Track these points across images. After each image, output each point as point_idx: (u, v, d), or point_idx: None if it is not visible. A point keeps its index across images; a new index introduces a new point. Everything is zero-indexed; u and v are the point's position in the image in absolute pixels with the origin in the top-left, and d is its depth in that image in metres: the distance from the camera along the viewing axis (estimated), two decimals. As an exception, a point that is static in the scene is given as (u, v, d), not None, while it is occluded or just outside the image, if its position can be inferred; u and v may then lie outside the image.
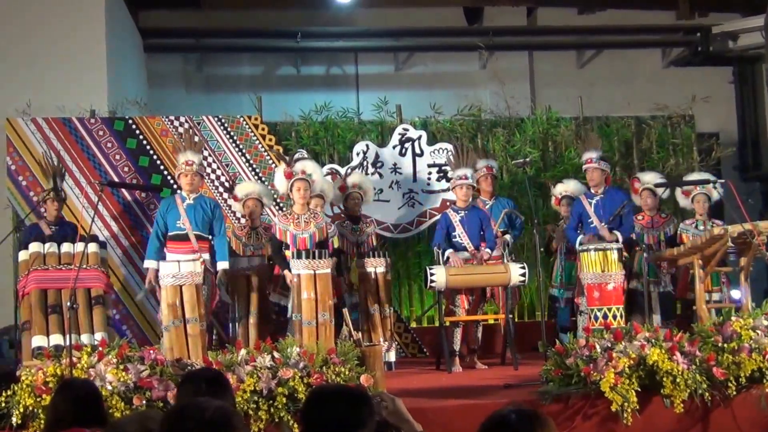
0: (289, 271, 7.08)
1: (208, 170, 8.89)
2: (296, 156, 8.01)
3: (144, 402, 5.48)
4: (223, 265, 7.27)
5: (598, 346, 5.86)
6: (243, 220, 8.25)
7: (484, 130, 9.82)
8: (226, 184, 8.85)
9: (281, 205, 8.82)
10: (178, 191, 7.61)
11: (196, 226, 7.29)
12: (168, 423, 2.70)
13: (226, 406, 2.73)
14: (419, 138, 9.48)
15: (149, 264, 7.31)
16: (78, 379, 5.21)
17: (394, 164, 9.38)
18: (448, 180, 8.81)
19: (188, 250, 7.24)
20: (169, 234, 7.33)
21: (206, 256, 7.24)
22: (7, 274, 8.71)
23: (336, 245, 7.62)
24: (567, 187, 8.78)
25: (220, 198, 8.80)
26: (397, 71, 12.85)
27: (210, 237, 7.39)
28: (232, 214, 8.68)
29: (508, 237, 8.28)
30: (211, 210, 7.44)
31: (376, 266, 7.82)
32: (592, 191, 8.01)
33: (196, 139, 7.96)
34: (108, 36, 9.54)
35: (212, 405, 2.68)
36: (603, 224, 7.76)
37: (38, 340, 6.65)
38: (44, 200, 7.81)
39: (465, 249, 7.84)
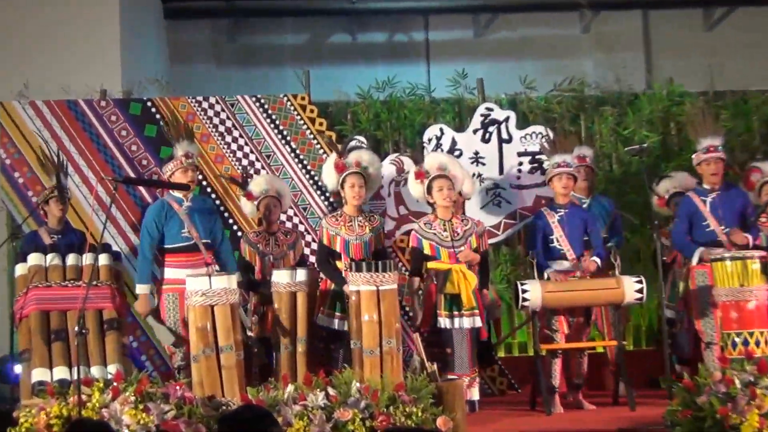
0: (345, 285, 7.12)
1: (245, 162, 8.96)
2: (351, 144, 8.00)
3: (168, 449, 5.54)
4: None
5: (737, 381, 5.76)
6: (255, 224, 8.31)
7: (588, 109, 9.71)
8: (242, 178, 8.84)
9: (305, 204, 8.86)
10: (168, 192, 7.73)
11: (203, 234, 7.50)
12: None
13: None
14: (506, 120, 9.40)
15: (145, 290, 7.48)
16: (89, 421, 5.27)
17: (476, 153, 9.32)
18: (544, 172, 8.71)
19: (199, 262, 7.41)
20: (171, 246, 7.49)
21: (215, 267, 7.44)
22: (1, 292, 8.87)
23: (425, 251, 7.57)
24: (675, 182, 8.67)
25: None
26: (478, 37, 12.80)
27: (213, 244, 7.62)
28: (235, 217, 8.86)
29: (611, 244, 8.16)
30: (211, 212, 7.72)
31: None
32: (707, 186, 7.86)
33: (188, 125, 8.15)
34: (122, 1, 9.66)
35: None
36: (723, 228, 7.65)
37: (39, 374, 6.72)
38: (45, 201, 7.85)
39: (564, 258, 7.78)
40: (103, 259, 7.18)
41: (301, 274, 7.37)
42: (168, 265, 7.49)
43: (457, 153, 9.23)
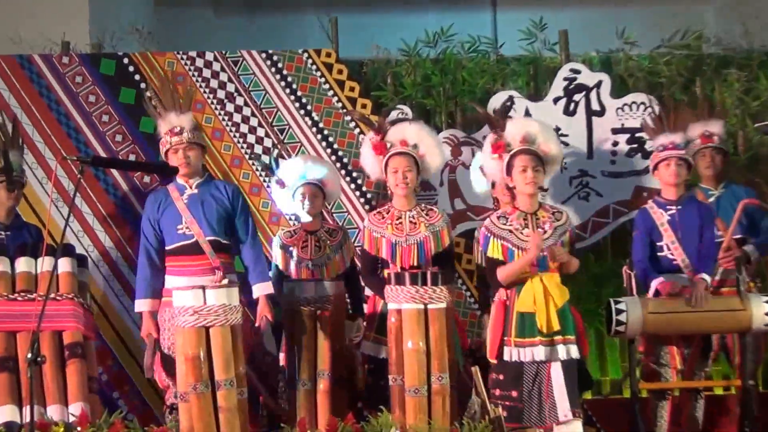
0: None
1: (251, 138, 9.00)
2: (392, 115, 7.97)
3: None
4: (263, 288, 7.34)
5: None
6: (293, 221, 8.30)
7: (706, 72, 9.67)
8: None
9: (368, 195, 8.85)
10: (168, 181, 7.72)
11: (210, 229, 7.40)
12: None
13: None
14: (598, 86, 9.38)
15: (144, 306, 7.41)
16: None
17: (556, 129, 9.19)
18: (647, 155, 8.64)
19: (203, 268, 7.36)
20: (169, 248, 7.44)
21: (232, 277, 7.37)
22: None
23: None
24: None
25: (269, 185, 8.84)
26: (562, -28, 12.78)
27: (229, 244, 7.53)
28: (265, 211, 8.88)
29: (749, 249, 8.13)
30: (230, 200, 7.55)
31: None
32: None
33: (180, 88, 8.05)
34: None
35: None
36: None
37: (-21, 415, 6.79)
38: (-10, 188, 7.92)
39: (677, 269, 7.74)
40: (65, 266, 7.23)
41: (326, 287, 7.40)
42: (168, 272, 7.44)
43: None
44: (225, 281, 7.03)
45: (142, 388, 8.67)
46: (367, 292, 7.88)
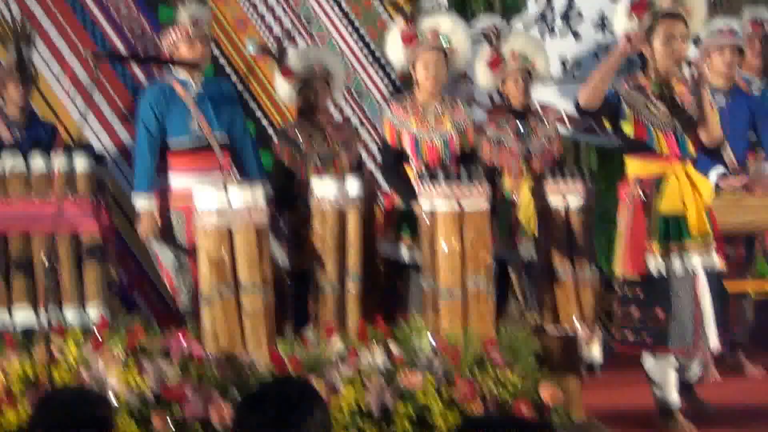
0: (415, 201, 7.04)
1: (276, 29, 8.98)
2: (424, 3, 7.88)
3: (169, 424, 5.59)
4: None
5: None
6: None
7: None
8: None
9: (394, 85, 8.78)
10: (173, 71, 7.71)
11: (219, 127, 7.50)
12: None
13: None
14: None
15: (144, 201, 7.44)
16: (68, 392, 5.27)
17: (601, 16, 9.17)
18: (695, 43, 8.53)
19: (213, 167, 7.43)
20: (175, 144, 7.49)
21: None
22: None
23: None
24: None
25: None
26: None
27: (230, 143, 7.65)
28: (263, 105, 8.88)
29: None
30: (231, 98, 7.73)
31: (565, 194, 7.67)
32: None
33: None
34: None
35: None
36: None
37: (-6, 316, 6.83)
38: (1, 82, 7.87)
39: (722, 162, 7.73)
40: (82, 163, 7.14)
41: (354, 186, 7.30)
42: (172, 170, 7.48)
43: (575, 15, 9.12)
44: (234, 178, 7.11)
45: (162, 289, 8.67)
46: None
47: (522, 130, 8.03)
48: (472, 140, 7.42)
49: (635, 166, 6.61)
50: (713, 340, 6.31)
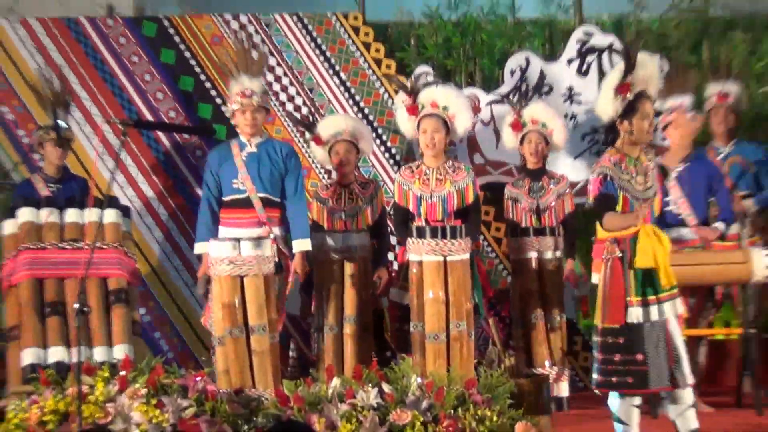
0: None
1: (282, 96, 9.04)
2: (417, 75, 7.95)
3: (187, 453, 5.64)
4: (303, 245, 7.26)
5: None
6: (328, 176, 8.32)
7: (713, 34, 9.61)
8: (310, 119, 8.87)
9: (393, 150, 8.87)
10: (235, 135, 7.59)
11: (261, 186, 7.27)
12: None
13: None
14: (609, 47, 9.34)
15: (203, 248, 7.24)
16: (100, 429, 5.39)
17: (570, 89, 9.30)
18: (656, 114, 8.62)
19: (251, 221, 7.21)
20: (225, 199, 7.27)
21: (277, 230, 7.23)
22: (-13, 253, 9.03)
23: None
24: None
25: (299, 141, 8.89)
26: (576, -66, 12.67)
27: (281, 201, 7.38)
28: (310, 165, 8.88)
29: (749, 203, 8.11)
30: (284, 159, 7.40)
31: (540, 249, 7.79)
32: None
33: (255, 53, 7.81)
34: None
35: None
36: None
37: (31, 355, 6.86)
38: (40, 143, 7.92)
39: (682, 224, 7.77)
40: (110, 216, 7.29)
41: (351, 238, 7.41)
42: (222, 222, 7.29)
43: (546, 88, 9.24)
44: (271, 236, 7.04)
45: (181, 329, 8.74)
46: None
47: (534, 188, 8.16)
48: (469, 199, 7.41)
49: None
50: (689, 375, 6.34)
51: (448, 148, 7.48)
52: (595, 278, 6.37)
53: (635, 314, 6.19)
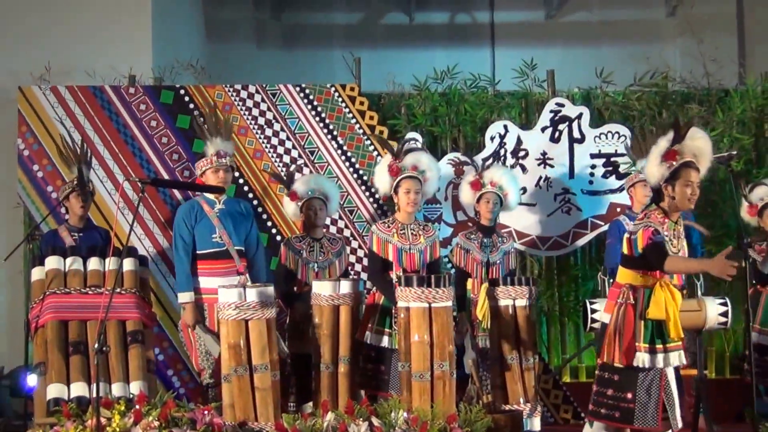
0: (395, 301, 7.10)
1: (286, 158, 9.09)
2: (407, 140, 8.00)
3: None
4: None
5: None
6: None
7: (671, 106, 9.63)
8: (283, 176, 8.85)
9: (385, 208, 8.87)
10: (199, 195, 7.84)
11: (237, 239, 7.64)
12: None
13: None
14: (579, 117, 9.39)
15: (186, 296, 7.55)
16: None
17: (543, 154, 9.34)
18: (620, 177, 8.68)
19: (230, 271, 7.57)
20: (201, 252, 7.62)
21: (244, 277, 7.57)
22: (17, 298, 9.05)
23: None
24: None
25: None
26: (549, 19, 12.72)
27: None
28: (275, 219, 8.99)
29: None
30: (247, 215, 7.86)
31: (515, 297, 7.77)
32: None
33: (223, 119, 8.10)
34: (153, -28, 9.80)
35: None
36: None
37: (56, 390, 6.82)
38: (66, 197, 7.95)
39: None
40: (128, 265, 7.28)
41: (345, 286, 7.38)
42: (199, 273, 7.60)
43: (522, 153, 9.28)
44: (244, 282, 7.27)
45: (192, 367, 8.69)
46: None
47: (486, 244, 8.18)
48: (437, 253, 7.53)
49: (630, 277, 6.43)
50: (678, 419, 6.31)
51: (420, 208, 7.63)
52: (606, 317, 6.42)
53: (641, 359, 6.19)
